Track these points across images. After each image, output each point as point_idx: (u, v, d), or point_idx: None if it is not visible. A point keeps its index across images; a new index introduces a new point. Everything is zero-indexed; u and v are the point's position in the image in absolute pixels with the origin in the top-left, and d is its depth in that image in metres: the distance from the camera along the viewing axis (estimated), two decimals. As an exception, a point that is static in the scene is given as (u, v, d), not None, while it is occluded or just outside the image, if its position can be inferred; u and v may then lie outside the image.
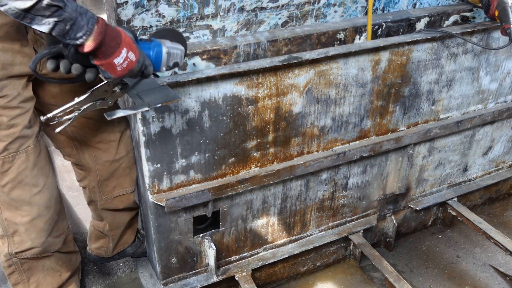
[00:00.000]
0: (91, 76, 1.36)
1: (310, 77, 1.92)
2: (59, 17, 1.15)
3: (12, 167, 1.68)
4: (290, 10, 2.06)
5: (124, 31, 1.35)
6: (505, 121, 2.68)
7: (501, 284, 2.52)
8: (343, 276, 2.54)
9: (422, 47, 2.11)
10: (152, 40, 1.46)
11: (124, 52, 1.31)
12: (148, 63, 1.41)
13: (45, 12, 1.13)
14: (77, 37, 1.19)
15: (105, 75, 1.33)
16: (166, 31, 1.57)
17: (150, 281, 2.19)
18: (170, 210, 1.85)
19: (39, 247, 1.87)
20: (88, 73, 1.35)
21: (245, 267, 2.22)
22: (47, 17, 1.14)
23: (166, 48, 1.46)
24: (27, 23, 1.14)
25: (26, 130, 1.66)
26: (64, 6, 1.15)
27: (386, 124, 2.25)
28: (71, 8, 1.17)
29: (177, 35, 1.55)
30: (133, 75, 1.38)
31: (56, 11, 1.14)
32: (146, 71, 1.41)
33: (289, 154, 2.06)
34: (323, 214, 2.36)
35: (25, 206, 1.76)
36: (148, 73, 1.43)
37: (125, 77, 1.37)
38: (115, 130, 1.95)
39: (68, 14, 1.16)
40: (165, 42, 1.47)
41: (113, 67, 1.30)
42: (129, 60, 1.32)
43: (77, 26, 1.18)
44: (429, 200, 2.67)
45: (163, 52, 1.45)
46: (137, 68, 1.36)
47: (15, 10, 1.11)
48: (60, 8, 1.14)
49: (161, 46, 1.45)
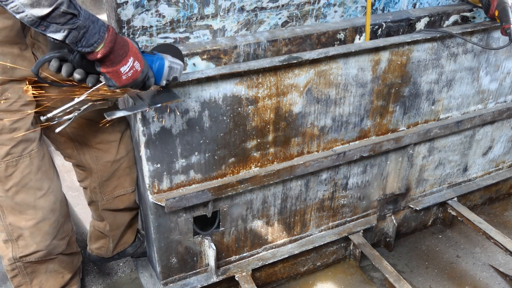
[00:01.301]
0: (93, 81, 1.38)
1: (310, 77, 1.92)
2: (73, 24, 1.16)
3: (16, 171, 1.68)
4: (290, 10, 2.06)
5: (131, 41, 1.37)
6: (505, 121, 2.68)
7: (501, 284, 2.52)
8: (343, 276, 2.54)
9: (422, 47, 2.11)
10: (155, 53, 1.49)
11: (131, 61, 1.32)
12: (151, 75, 1.44)
13: (60, 19, 1.14)
14: (89, 44, 1.21)
15: (109, 83, 1.34)
16: (167, 46, 1.60)
17: (150, 281, 2.19)
18: (170, 210, 1.85)
19: (44, 250, 1.87)
20: (90, 78, 1.37)
21: (245, 267, 2.22)
22: (62, 25, 1.15)
23: (168, 62, 1.49)
24: (41, 30, 1.15)
25: (29, 133, 1.66)
26: (79, 14, 1.17)
27: (386, 124, 2.25)
28: (85, 16, 1.18)
29: (176, 51, 1.58)
30: (136, 85, 1.40)
31: (71, 19, 1.16)
32: (148, 82, 1.43)
33: (289, 154, 2.06)
34: (323, 214, 2.36)
35: (29, 210, 1.76)
36: (150, 85, 1.45)
37: (128, 86, 1.38)
38: (115, 130, 1.95)
39: (82, 22, 1.17)
40: (167, 57, 1.50)
41: (118, 75, 1.32)
42: (135, 69, 1.34)
43: (89, 34, 1.20)
44: (429, 200, 2.67)
45: (165, 66, 1.48)
46: (140, 78, 1.38)
47: (31, 17, 1.12)
48: (74, 16, 1.16)
49: (164, 60, 1.48)
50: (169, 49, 1.57)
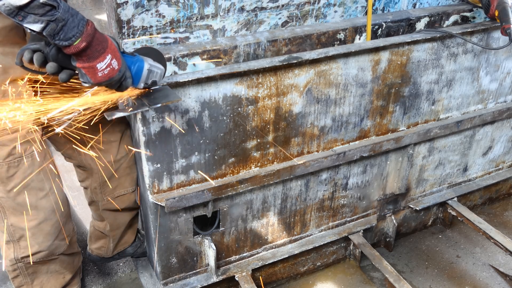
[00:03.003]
0: (65, 77, 1.35)
1: (310, 77, 1.92)
2: (52, 17, 1.15)
3: (18, 172, 1.68)
4: (290, 10, 2.06)
5: (111, 39, 1.35)
6: (505, 121, 2.68)
7: (501, 284, 2.52)
8: (343, 276, 2.54)
9: (422, 47, 2.11)
10: (135, 55, 1.47)
11: (108, 59, 1.31)
12: (129, 75, 1.41)
13: (38, 10, 1.13)
14: (67, 38, 1.20)
15: (84, 79, 1.32)
16: (149, 49, 1.57)
17: (150, 281, 2.19)
18: (170, 210, 1.85)
19: (46, 250, 1.87)
20: (63, 73, 1.34)
21: (245, 267, 2.22)
22: (40, 16, 1.14)
23: (148, 65, 1.47)
24: (18, 21, 1.14)
25: (31, 134, 1.66)
26: (58, 7, 1.15)
27: (386, 124, 2.25)
28: (64, 9, 1.17)
29: (159, 55, 1.56)
30: (111, 84, 1.38)
31: (49, 11, 1.14)
32: (125, 83, 1.41)
33: (289, 154, 2.06)
34: (323, 214, 2.36)
35: (31, 210, 1.76)
36: (127, 85, 1.42)
37: (103, 84, 1.36)
38: (115, 130, 1.95)
39: (61, 15, 1.16)
40: (148, 60, 1.48)
41: (94, 72, 1.30)
42: (112, 67, 1.32)
43: (68, 27, 1.18)
44: (429, 200, 2.67)
45: (144, 68, 1.46)
46: (117, 77, 1.36)
47: (9, 6, 1.11)
48: (53, 8, 1.15)
49: (144, 62, 1.46)
50: (152, 52, 1.55)
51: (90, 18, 3.95)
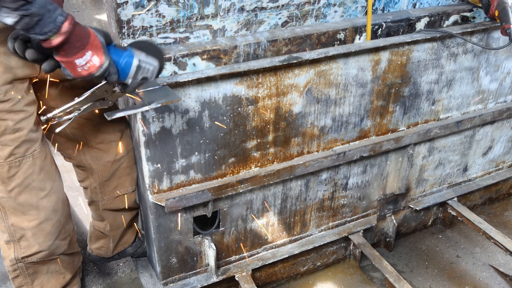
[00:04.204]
0: (47, 67, 1.35)
1: (310, 77, 1.92)
2: (26, 11, 1.14)
3: (19, 172, 1.68)
4: (290, 10, 2.06)
5: (96, 34, 1.33)
6: (505, 121, 2.68)
7: (501, 284, 2.52)
8: (343, 276, 2.54)
9: (422, 47, 2.11)
10: (127, 49, 1.43)
11: (88, 55, 1.30)
12: (113, 71, 1.39)
13: (11, 4, 1.12)
14: (42, 32, 1.19)
15: (65, 72, 1.34)
16: (146, 43, 1.51)
17: (150, 281, 2.19)
18: (170, 210, 1.85)
19: (46, 250, 1.87)
20: (46, 63, 1.35)
21: (245, 267, 2.22)
22: (13, 10, 1.13)
23: (138, 61, 1.42)
24: None
25: (32, 134, 1.66)
26: (33, 1, 1.15)
27: (386, 124, 2.25)
28: (40, 4, 1.16)
29: (156, 50, 1.49)
30: (94, 79, 1.38)
31: (23, 5, 1.14)
32: (109, 78, 1.39)
33: (289, 154, 2.06)
34: (323, 214, 2.36)
35: (32, 210, 1.76)
36: (112, 81, 1.41)
37: (85, 79, 1.36)
38: (115, 130, 1.95)
39: (36, 10, 1.15)
40: (140, 55, 1.43)
41: (73, 67, 1.31)
42: (92, 64, 1.32)
43: (44, 22, 1.18)
44: (429, 200, 2.68)
45: (132, 64, 1.41)
46: (98, 74, 1.35)
47: None
48: (28, 3, 1.14)
49: (133, 57, 1.41)
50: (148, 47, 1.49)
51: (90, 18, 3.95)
